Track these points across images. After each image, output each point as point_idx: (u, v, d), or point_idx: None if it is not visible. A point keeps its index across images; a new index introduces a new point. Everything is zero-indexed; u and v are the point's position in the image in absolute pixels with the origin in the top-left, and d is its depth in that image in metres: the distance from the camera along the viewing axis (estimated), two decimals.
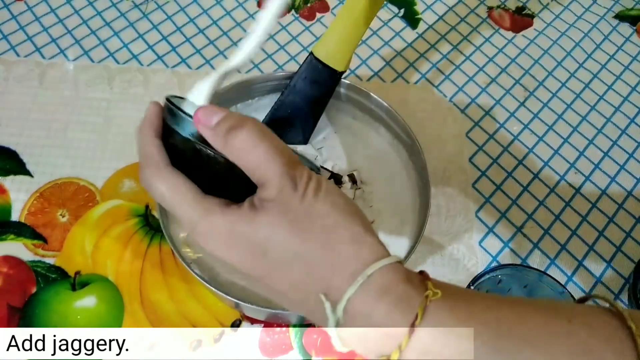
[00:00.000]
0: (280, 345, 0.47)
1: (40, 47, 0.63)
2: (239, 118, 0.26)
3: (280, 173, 0.25)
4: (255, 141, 0.25)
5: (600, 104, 0.63)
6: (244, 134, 0.25)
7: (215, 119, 0.26)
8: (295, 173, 0.25)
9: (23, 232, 0.51)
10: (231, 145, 0.25)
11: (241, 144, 0.25)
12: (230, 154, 0.26)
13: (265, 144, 0.25)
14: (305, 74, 0.51)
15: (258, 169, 0.25)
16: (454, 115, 0.61)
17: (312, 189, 0.25)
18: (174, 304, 0.48)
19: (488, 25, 0.69)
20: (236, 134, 0.25)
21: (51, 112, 0.58)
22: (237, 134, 0.25)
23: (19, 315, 0.47)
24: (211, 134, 0.26)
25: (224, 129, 0.25)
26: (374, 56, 0.65)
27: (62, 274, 0.49)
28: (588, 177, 0.58)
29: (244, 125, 0.25)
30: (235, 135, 0.25)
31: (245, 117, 0.26)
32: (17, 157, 0.55)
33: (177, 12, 0.68)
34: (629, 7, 0.72)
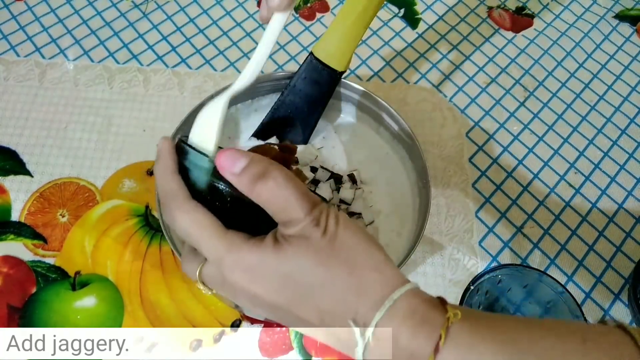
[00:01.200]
0: (280, 345, 0.47)
1: (40, 47, 0.63)
2: (264, 165, 0.27)
3: (304, 213, 0.27)
4: (281, 188, 0.27)
5: (600, 104, 0.63)
6: (270, 183, 0.27)
7: (238, 165, 0.27)
8: (317, 211, 0.27)
9: (23, 232, 0.51)
10: (258, 192, 0.27)
11: (268, 192, 0.27)
12: (257, 199, 0.27)
13: (290, 190, 0.27)
14: (305, 74, 0.51)
15: (283, 212, 0.27)
16: (454, 115, 0.61)
17: (333, 223, 0.27)
18: (174, 304, 0.48)
19: (488, 25, 0.69)
20: (264, 183, 0.27)
21: (51, 112, 0.58)
22: (265, 183, 0.27)
23: (19, 315, 0.47)
24: (237, 181, 0.27)
25: (251, 177, 0.27)
26: (374, 56, 0.65)
27: (62, 274, 0.49)
28: (588, 177, 0.58)
29: (270, 173, 0.27)
30: (264, 184, 0.27)
31: (269, 163, 0.27)
32: (17, 157, 0.55)
33: (177, 12, 0.68)
34: (629, 7, 0.72)
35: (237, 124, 0.55)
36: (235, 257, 0.27)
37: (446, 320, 0.25)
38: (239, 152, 0.28)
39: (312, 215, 0.27)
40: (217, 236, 0.27)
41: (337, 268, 0.26)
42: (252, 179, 0.27)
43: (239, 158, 0.27)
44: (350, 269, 0.26)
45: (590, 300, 0.51)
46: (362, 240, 0.27)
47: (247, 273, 0.27)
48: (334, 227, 0.27)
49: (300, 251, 0.26)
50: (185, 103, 0.59)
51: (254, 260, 0.27)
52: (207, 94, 0.52)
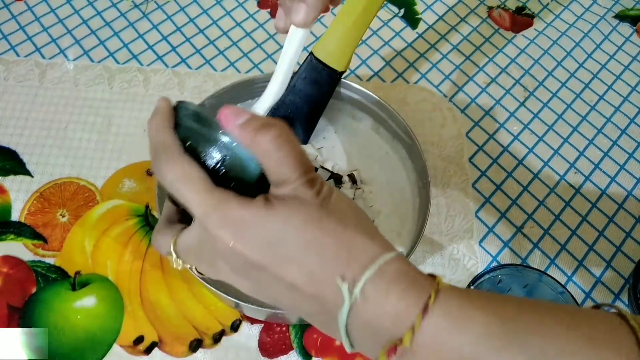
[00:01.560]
0: (280, 345, 0.47)
1: (40, 47, 0.63)
2: (268, 118, 0.27)
3: (299, 173, 0.26)
4: (281, 142, 0.26)
5: (601, 103, 0.63)
6: (272, 133, 0.26)
7: (243, 117, 0.27)
8: (311, 174, 0.27)
9: (23, 232, 0.51)
10: (259, 142, 0.27)
11: (268, 143, 0.26)
12: (256, 150, 0.27)
13: (290, 147, 0.27)
14: (305, 74, 0.51)
15: (279, 168, 0.27)
16: (454, 115, 0.61)
17: (327, 190, 0.27)
18: (174, 304, 0.48)
19: (488, 25, 0.69)
20: (266, 132, 0.26)
21: (51, 112, 0.58)
22: (267, 133, 0.26)
23: (19, 315, 0.47)
24: (240, 131, 0.27)
25: (254, 127, 0.27)
26: (374, 56, 0.65)
27: (62, 274, 0.49)
28: (588, 177, 0.58)
29: (273, 125, 0.27)
30: (265, 134, 0.26)
31: (272, 119, 0.28)
32: (17, 157, 0.55)
33: (177, 12, 0.68)
34: (629, 7, 0.72)
35: None
36: (224, 211, 0.26)
37: (436, 284, 0.25)
38: (242, 109, 0.28)
39: (307, 176, 0.27)
40: (206, 189, 0.27)
41: (328, 228, 0.26)
42: (255, 128, 0.27)
43: (242, 112, 0.28)
44: (341, 230, 0.26)
45: (590, 300, 0.51)
46: (354, 207, 0.28)
47: (234, 228, 0.26)
48: (328, 192, 0.27)
49: (292, 210, 0.26)
50: None
51: (243, 216, 0.26)
52: (207, 94, 0.52)
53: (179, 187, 0.27)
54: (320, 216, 0.26)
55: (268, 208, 0.26)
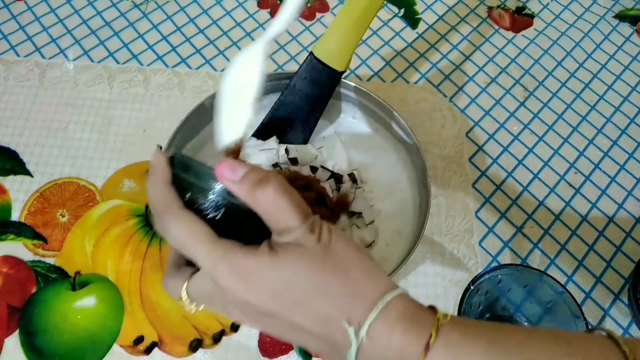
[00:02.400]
0: (280, 345, 0.47)
1: (40, 47, 0.63)
2: (263, 173, 0.28)
3: (300, 221, 0.27)
4: (279, 195, 0.27)
5: (600, 103, 0.63)
6: (270, 188, 0.27)
7: (239, 172, 0.28)
8: (311, 220, 0.28)
9: (23, 232, 0.51)
10: (257, 198, 0.27)
11: (267, 198, 0.27)
12: (255, 205, 0.28)
13: (287, 197, 0.28)
14: (305, 74, 0.51)
15: (280, 219, 0.28)
16: (454, 115, 0.61)
17: (326, 231, 0.28)
18: (173, 304, 0.48)
19: (488, 25, 0.69)
20: (263, 189, 0.27)
21: (51, 112, 0.58)
22: (264, 189, 0.27)
23: (19, 315, 0.47)
24: (237, 187, 0.28)
25: (250, 183, 0.28)
26: (374, 56, 0.65)
27: (62, 274, 0.49)
28: (588, 177, 0.58)
29: (270, 180, 0.28)
30: (263, 190, 0.27)
31: (268, 172, 0.28)
32: (17, 157, 0.55)
33: (177, 12, 0.68)
34: (629, 7, 0.72)
35: None
36: (231, 263, 0.27)
37: (437, 321, 0.26)
38: (238, 162, 0.29)
39: (306, 224, 0.28)
40: (211, 242, 0.28)
41: (332, 273, 0.27)
42: (252, 185, 0.28)
43: (238, 166, 0.28)
44: (344, 274, 0.27)
45: (590, 300, 0.51)
46: (354, 249, 0.28)
47: (241, 279, 0.27)
48: (327, 236, 0.28)
49: (296, 257, 0.27)
50: (185, 103, 0.59)
51: (250, 266, 0.27)
52: (207, 94, 0.52)
53: (184, 243, 0.28)
54: (324, 262, 0.27)
55: (273, 256, 0.27)
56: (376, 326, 0.26)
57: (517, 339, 0.26)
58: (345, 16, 0.49)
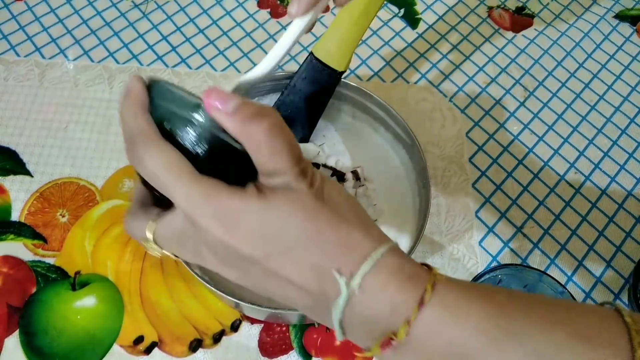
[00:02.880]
0: (280, 345, 0.47)
1: (40, 47, 0.63)
2: (260, 106, 0.26)
3: (292, 163, 0.25)
4: (275, 132, 0.25)
5: (601, 103, 0.63)
6: (266, 124, 0.25)
7: (232, 103, 0.25)
8: (304, 163, 0.26)
9: (23, 232, 0.51)
10: (251, 132, 0.25)
11: (262, 134, 0.25)
12: (247, 140, 0.25)
13: (283, 137, 0.25)
14: (305, 74, 0.51)
15: (271, 159, 0.25)
16: (454, 115, 0.61)
17: (319, 180, 0.26)
18: (173, 304, 0.48)
19: (488, 25, 0.69)
20: (260, 123, 0.25)
21: (51, 112, 0.58)
22: (261, 123, 0.25)
23: (19, 315, 0.47)
24: (229, 119, 0.25)
25: (245, 116, 0.25)
26: (374, 56, 0.65)
27: (62, 274, 0.49)
28: (588, 177, 0.58)
29: (267, 115, 0.25)
30: (259, 124, 0.25)
31: (265, 107, 0.26)
32: (17, 157, 0.55)
33: (177, 12, 0.68)
34: (629, 7, 0.72)
35: None
36: (214, 202, 0.24)
37: (432, 277, 0.25)
38: (229, 93, 0.25)
39: (299, 167, 0.25)
40: (192, 178, 0.25)
41: (324, 221, 0.25)
42: (247, 118, 0.25)
43: (230, 97, 0.25)
44: (337, 222, 0.25)
45: (590, 300, 0.51)
46: (347, 198, 0.27)
47: (226, 219, 0.24)
48: (320, 182, 0.26)
49: (287, 202, 0.25)
50: None
51: (236, 207, 0.24)
52: None
53: (160, 177, 0.25)
54: (315, 208, 0.25)
55: (261, 199, 0.25)
56: (369, 278, 0.24)
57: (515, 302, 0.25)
58: (345, 16, 0.49)
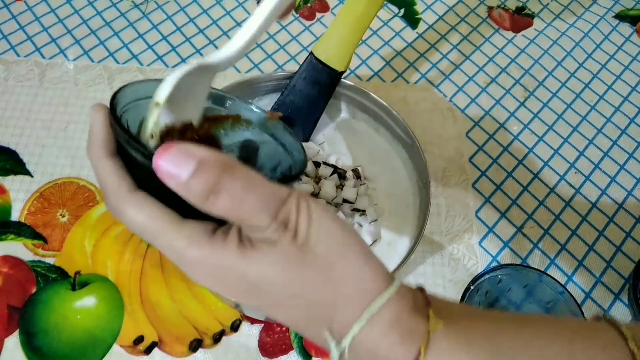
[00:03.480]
0: (280, 345, 0.47)
1: (40, 47, 0.63)
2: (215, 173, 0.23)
3: (269, 218, 0.23)
4: (239, 201, 0.23)
5: (601, 103, 0.63)
6: (225, 197, 0.23)
7: (186, 171, 0.22)
8: (284, 212, 0.24)
9: (23, 232, 0.51)
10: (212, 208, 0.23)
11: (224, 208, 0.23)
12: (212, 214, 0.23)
13: (251, 199, 0.23)
14: (305, 74, 0.51)
15: (245, 220, 0.23)
16: (454, 115, 0.61)
17: (304, 222, 0.24)
18: (174, 304, 0.48)
19: (488, 25, 0.69)
20: (216, 199, 0.23)
21: (51, 112, 0.58)
22: (217, 199, 0.23)
23: (19, 315, 0.47)
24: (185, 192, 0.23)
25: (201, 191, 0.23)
26: (374, 56, 0.65)
27: (62, 274, 0.49)
28: (588, 177, 0.58)
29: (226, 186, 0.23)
30: (215, 200, 0.23)
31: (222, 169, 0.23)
32: (17, 157, 0.55)
33: (177, 12, 0.68)
34: (629, 7, 0.72)
35: None
36: (196, 255, 0.24)
37: (427, 333, 0.23)
38: (186, 153, 0.23)
39: (279, 219, 0.23)
40: (174, 229, 0.24)
41: (310, 279, 0.23)
42: (203, 194, 0.23)
43: (186, 161, 0.22)
44: (325, 278, 0.24)
45: (590, 300, 0.51)
46: (338, 241, 0.24)
47: (210, 275, 0.24)
48: (306, 229, 0.24)
49: (268, 260, 0.23)
50: None
51: (217, 262, 0.24)
52: None
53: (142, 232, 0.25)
54: (299, 266, 0.23)
55: (243, 255, 0.24)
56: (360, 339, 0.23)
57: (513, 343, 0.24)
58: (345, 16, 0.49)
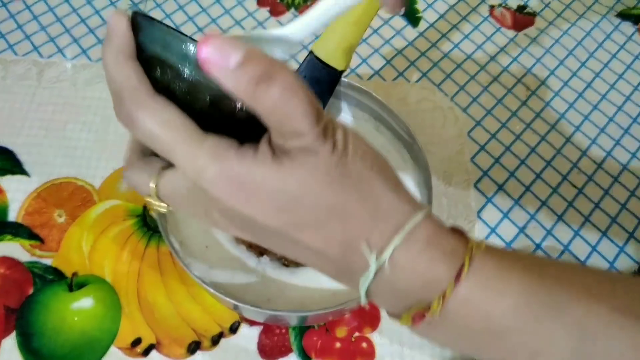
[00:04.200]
0: (280, 347, 0.46)
1: (38, 46, 0.63)
2: (266, 63, 0.21)
3: (311, 124, 0.22)
4: (288, 96, 0.21)
5: (603, 103, 0.63)
6: (276, 88, 0.21)
7: (234, 58, 0.21)
8: (323, 122, 0.23)
9: (20, 233, 0.50)
10: (260, 99, 0.21)
11: (272, 100, 0.21)
12: (257, 106, 0.22)
13: (298, 98, 0.21)
14: (305, 73, 0.51)
15: (286, 122, 0.22)
16: (456, 114, 0.61)
17: (341, 137, 0.23)
18: (172, 305, 0.48)
19: (489, 24, 0.69)
20: (268, 88, 0.21)
21: (49, 112, 0.58)
22: (269, 88, 0.21)
23: (16, 316, 0.46)
24: (232, 80, 0.21)
25: (250, 79, 0.21)
26: (374, 55, 0.65)
27: (59, 275, 0.48)
28: (591, 177, 0.57)
29: (276, 75, 0.21)
30: (267, 89, 0.21)
31: (275, 62, 0.21)
32: (14, 157, 0.55)
33: (175, 11, 0.67)
34: (631, 5, 0.72)
35: None
36: (223, 168, 0.22)
37: (469, 250, 0.23)
38: (231, 42, 0.21)
39: (319, 127, 0.22)
40: (195, 139, 0.22)
41: (350, 190, 0.22)
42: (252, 82, 0.21)
43: (232, 50, 0.21)
44: (365, 190, 0.23)
45: None
46: (375, 159, 0.24)
47: (237, 188, 0.22)
48: (343, 143, 0.23)
49: (307, 169, 0.22)
50: None
51: (248, 173, 0.22)
52: None
53: (157, 138, 0.23)
54: (339, 176, 0.22)
55: (278, 165, 0.22)
56: (400, 251, 0.22)
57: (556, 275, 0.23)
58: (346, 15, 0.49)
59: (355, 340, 0.47)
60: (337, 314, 0.47)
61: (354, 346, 0.47)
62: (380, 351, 0.47)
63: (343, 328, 0.47)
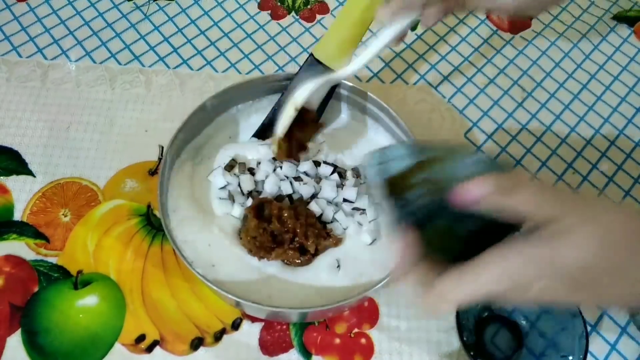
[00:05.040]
0: (281, 343, 0.47)
1: (42, 48, 0.64)
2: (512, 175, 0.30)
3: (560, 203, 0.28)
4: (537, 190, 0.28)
5: (598, 104, 0.64)
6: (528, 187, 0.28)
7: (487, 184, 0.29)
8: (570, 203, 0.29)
9: (25, 232, 0.51)
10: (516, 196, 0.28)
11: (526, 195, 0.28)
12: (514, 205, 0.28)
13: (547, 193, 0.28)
14: (306, 75, 0.52)
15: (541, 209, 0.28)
16: (453, 115, 0.61)
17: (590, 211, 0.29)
18: (175, 302, 0.48)
19: (486, 27, 0.70)
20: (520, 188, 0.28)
21: (53, 113, 0.59)
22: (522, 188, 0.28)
23: (21, 313, 0.47)
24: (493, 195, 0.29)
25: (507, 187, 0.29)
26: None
27: (64, 273, 0.49)
28: (586, 177, 0.58)
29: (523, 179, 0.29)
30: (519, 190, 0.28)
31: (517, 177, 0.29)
32: (19, 157, 0.55)
33: (178, 14, 0.68)
34: (627, 8, 0.72)
35: (238, 124, 0.55)
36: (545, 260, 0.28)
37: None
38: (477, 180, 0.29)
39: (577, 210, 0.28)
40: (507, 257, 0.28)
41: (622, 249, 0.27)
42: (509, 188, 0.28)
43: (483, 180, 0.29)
44: None
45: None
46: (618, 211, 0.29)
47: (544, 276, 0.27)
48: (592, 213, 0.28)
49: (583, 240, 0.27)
50: (186, 104, 0.59)
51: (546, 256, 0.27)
52: (208, 95, 0.52)
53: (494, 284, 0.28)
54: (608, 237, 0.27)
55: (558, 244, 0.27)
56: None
57: None
58: (345, 18, 0.49)
59: (354, 336, 0.48)
60: (336, 311, 0.48)
61: (353, 342, 0.48)
62: (378, 347, 0.47)
63: (342, 324, 0.48)
